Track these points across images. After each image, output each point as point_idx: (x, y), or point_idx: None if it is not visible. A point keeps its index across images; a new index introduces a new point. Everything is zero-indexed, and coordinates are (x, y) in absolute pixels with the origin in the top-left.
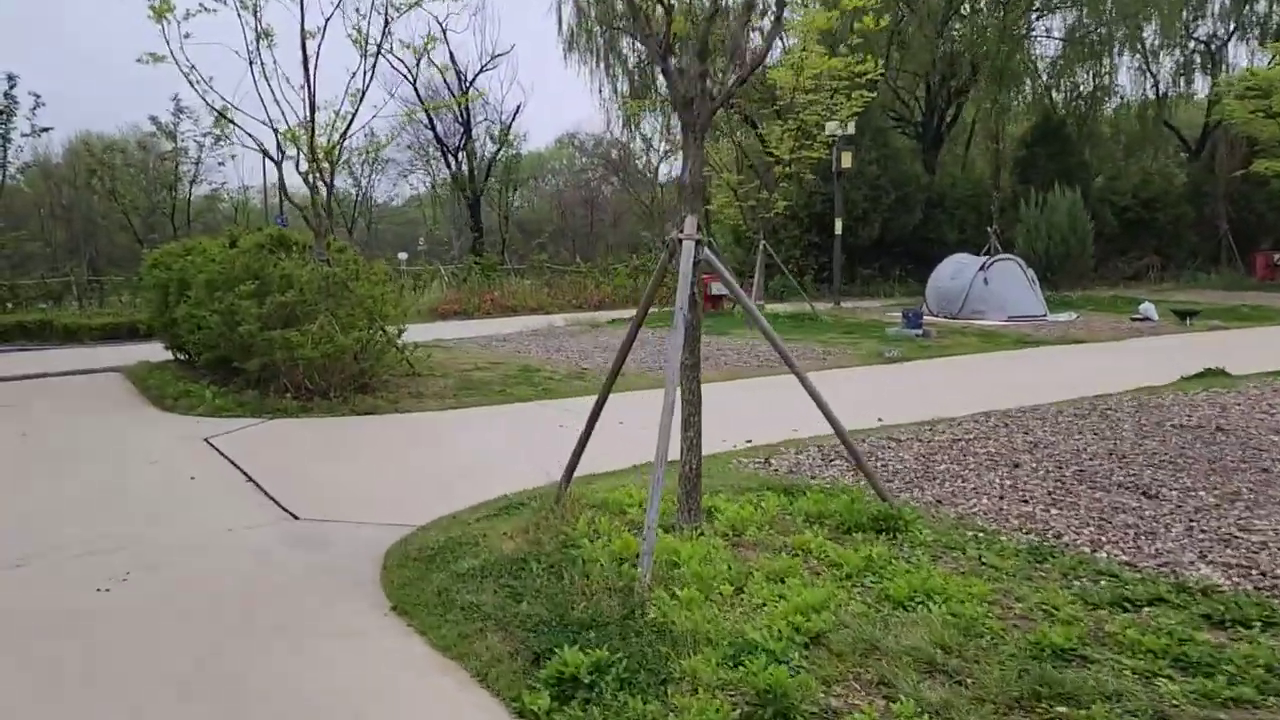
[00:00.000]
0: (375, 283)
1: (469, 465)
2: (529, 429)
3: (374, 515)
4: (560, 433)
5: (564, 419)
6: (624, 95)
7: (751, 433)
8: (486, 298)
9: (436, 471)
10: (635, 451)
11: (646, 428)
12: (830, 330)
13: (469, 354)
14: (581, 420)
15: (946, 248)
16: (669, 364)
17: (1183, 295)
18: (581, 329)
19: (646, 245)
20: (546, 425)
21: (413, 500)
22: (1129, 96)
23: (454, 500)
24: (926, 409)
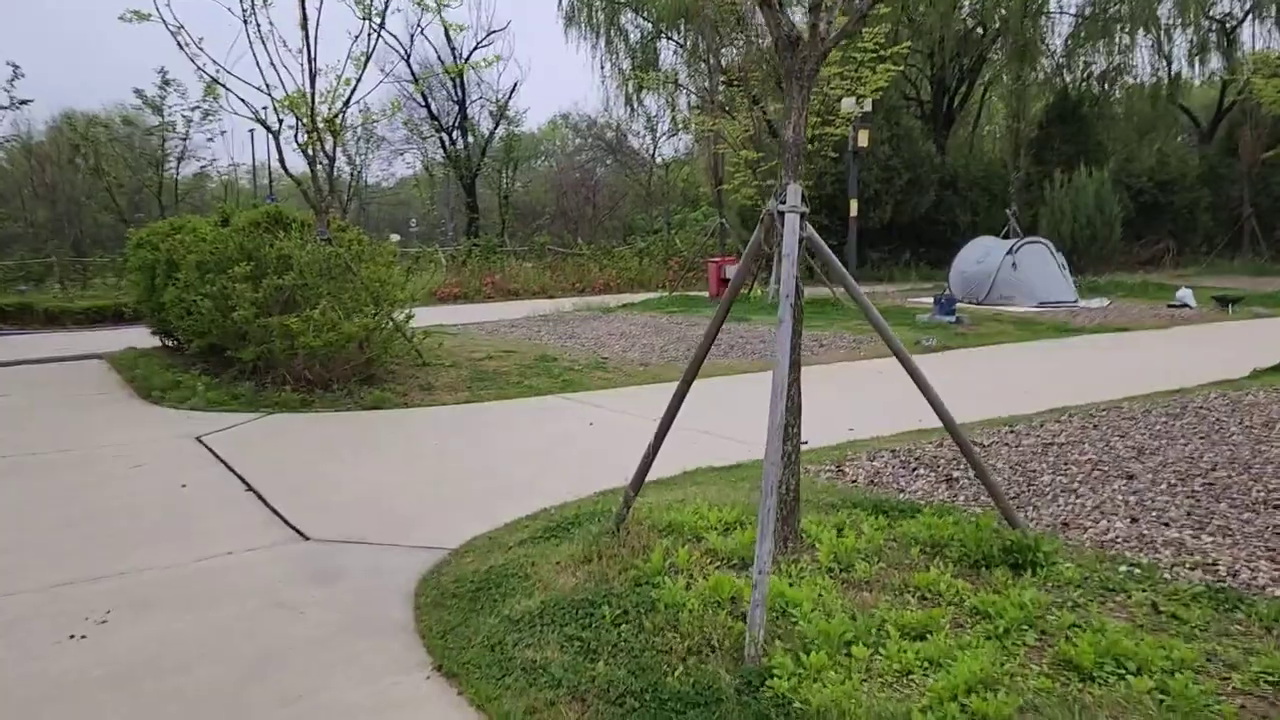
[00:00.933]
0: (382, 264)
1: (495, 471)
2: (555, 426)
3: (395, 535)
4: (592, 432)
5: (591, 414)
6: (625, 73)
7: (805, 432)
8: (487, 281)
9: (459, 479)
10: (682, 454)
11: (683, 427)
12: (854, 316)
13: (477, 341)
14: (610, 416)
15: (958, 231)
16: (778, 365)
17: (1212, 281)
18: (592, 314)
19: (643, 228)
20: (574, 422)
21: (437, 516)
22: (1142, 76)
23: (486, 516)
24: (988, 405)
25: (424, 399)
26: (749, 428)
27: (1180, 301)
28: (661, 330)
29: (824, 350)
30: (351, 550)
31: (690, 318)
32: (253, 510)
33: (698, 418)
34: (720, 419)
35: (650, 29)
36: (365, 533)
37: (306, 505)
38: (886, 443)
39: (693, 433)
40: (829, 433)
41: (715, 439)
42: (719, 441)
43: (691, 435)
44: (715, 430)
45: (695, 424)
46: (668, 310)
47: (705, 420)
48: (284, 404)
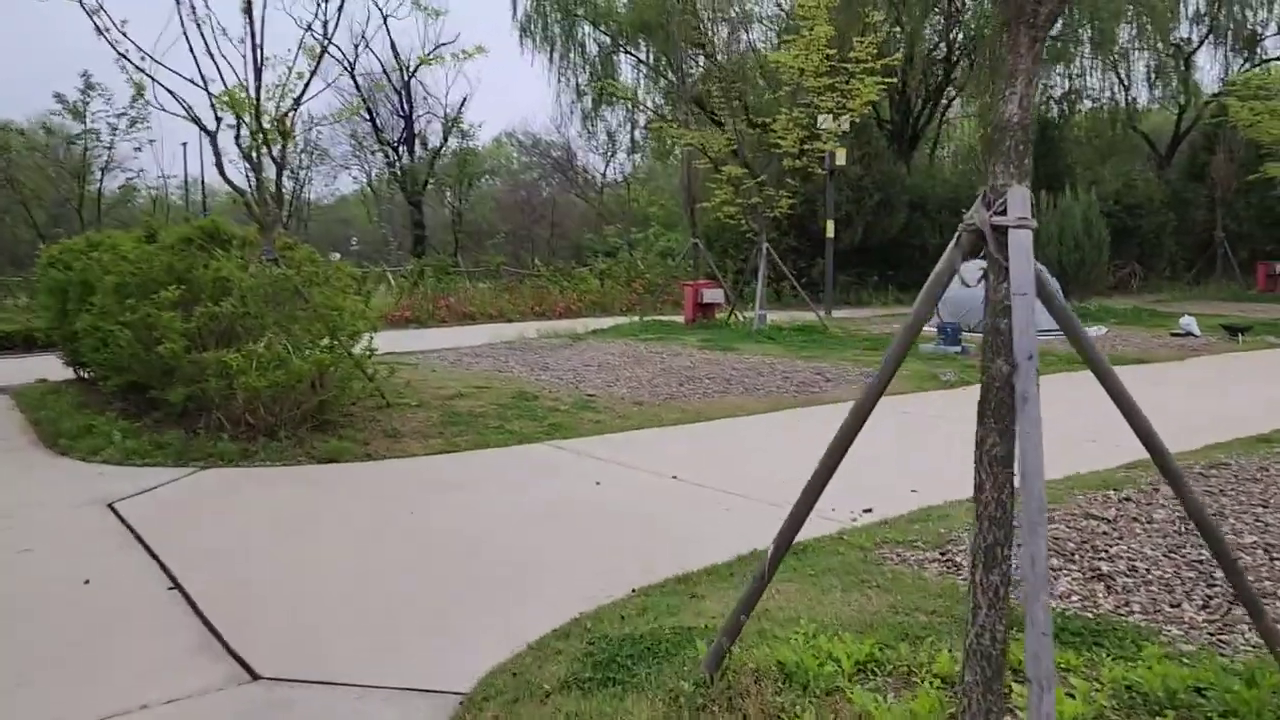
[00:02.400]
0: (338, 288)
1: (493, 552)
2: (553, 486)
3: (379, 663)
4: (601, 495)
5: (592, 470)
6: (580, 87)
7: (861, 493)
8: (441, 304)
9: (450, 563)
10: (721, 525)
11: (705, 484)
12: (848, 345)
13: (442, 373)
14: (617, 473)
15: (927, 253)
16: (1024, 454)
17: (1197, 308)
18: (561, 341)
19: (591, 249)
20: (574, 479)
21: (433, 625)
22: (1101, 100)
23: (499, 628)
24: (1062, 457)
25: (390, 448)
26: (783, 485)
27: (1184, 330)
28: (643, 361)
29: (833, 385)
30: (319, 697)
31: (669, 346)
32: (180, 624)
33: (717, 472)
34: (747, 474)
35: (609, 43)
36: (336, 660)
37: (253, 614)
38: (970, 511)
39: (719, 494)
40: (889, 494)
41: (751, 502)
42: (757, 506)
43: (718, 497)
44: (745, 490)
45: (717, 481)
46: (642, 338)
47: (729, 476)
48: (220, 456)
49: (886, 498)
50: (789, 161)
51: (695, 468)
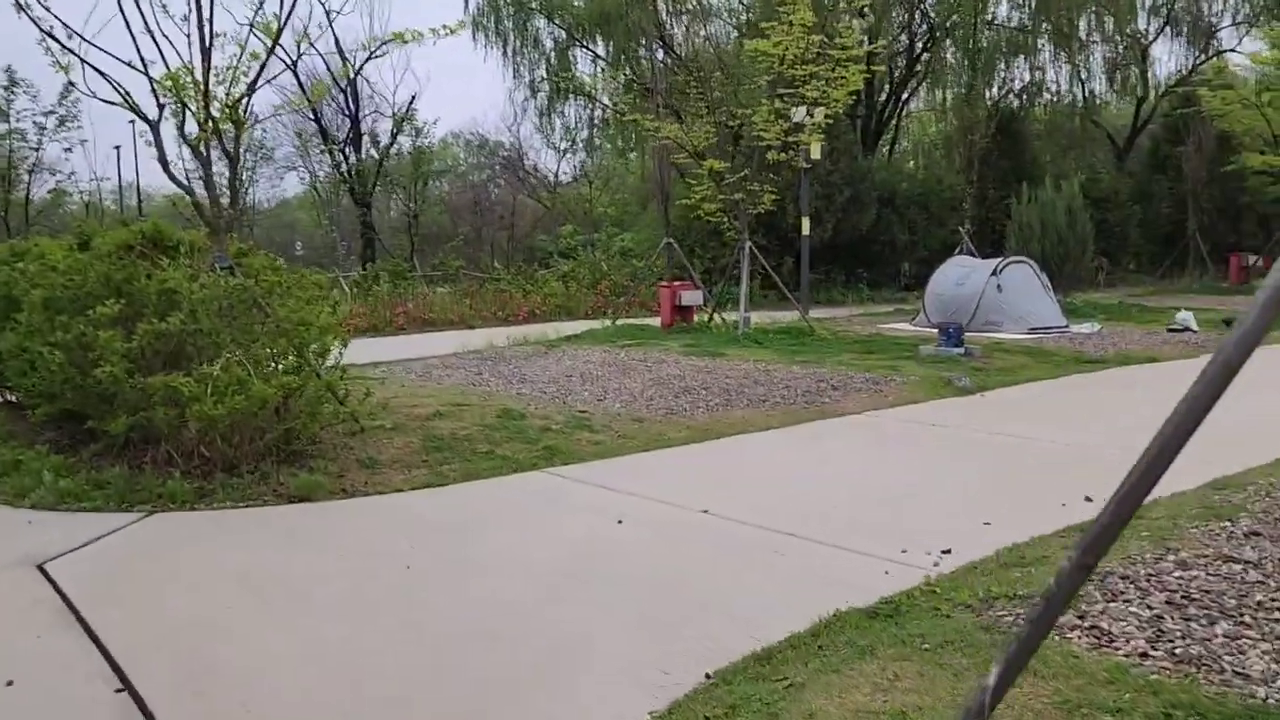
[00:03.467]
0: (305, 300)
1: (517, 624)
2: (566, 526)
3: None
4: (627, 537)
5: (606, 502)
6: (534, 84)
7: (922, 529)
8: (399, 310)
9: (465, 646)
10: (775, 574)
11: (736, 520)
12: (840, 348)
13: (412, 389)
14: (638, 506)
15: (896, 250)
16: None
17: (1179, 303)
18: (534, 350)
19: (545, 250)
20: (588, 516)
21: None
22: (1060, 93)
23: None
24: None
25: (369, 481)
26: (830, 518)
27: (1181, 325)
28: (628, 370)
29: (841, 394)
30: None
31: (652, 353)
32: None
33: (751, 503)
34: (784, 504)
35: (565, 37)
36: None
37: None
38: (1066, 550)
39: (763, 533)
40: (957, 529)
41: (803, 544)
42: (810, 549)
43: (763, 537)
44: (790, 526)
45: (755, 514)
46: (620, 344)
47: (766, 508)
48: (172, 497)
49: (956, 533)
50: (773, 155)
51: (724, 498)
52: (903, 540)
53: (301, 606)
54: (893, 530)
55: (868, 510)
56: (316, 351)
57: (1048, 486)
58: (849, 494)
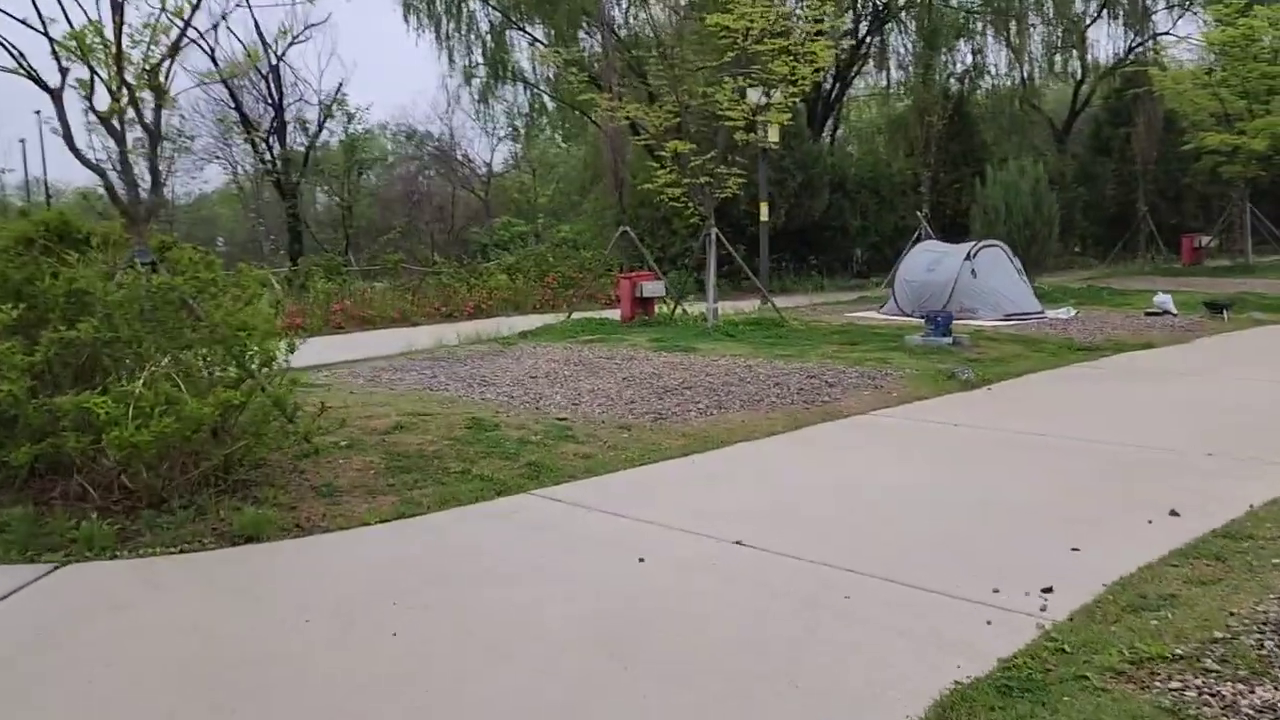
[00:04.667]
0: (245, 300)
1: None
2: (581, 571)
3: None
4: (654, 582)
5: (616, 534)
6: (469, 69)
7: (1005, 561)
8: (336, 308)
9: None
10: (854, 637)
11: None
12: (818, 340)
13: (363, 396)
14: (659, 537)
15: (849, 236)
16: None
17: (1139, 285)
18: (489, 348)
19: (479, 243)
20: (602, 555)
21: None
22: (999, 76)
23: None
24: (1166, 473)
25: (328, 514)
26: (890, 547)
27: (1160, 308)
28: (596, 369)
29: (839, 391)
30: None
31: (618, 349)
32: None
33: (788, 529)
34: (829, 529)
35: (501, 19)
36: None
37: None
38: (1208, 598)
39: (817, 569)
40: (1044, 558)
41: (869, 584)
42: (880, 592)
43: (818, 575)
44: (846, 560)
45: (798, 544)
46: (581, 339)
47: (809, 535)
48: (88, 542)
49: (1044, 563)
50: (740, 135)
51: (755, 523)
52: (982, 573)
53: (261, 711)
54: (965, 560)
55: (922, 534)
56: (260, 361)
57: (1113, 496)
58: (892, 512)
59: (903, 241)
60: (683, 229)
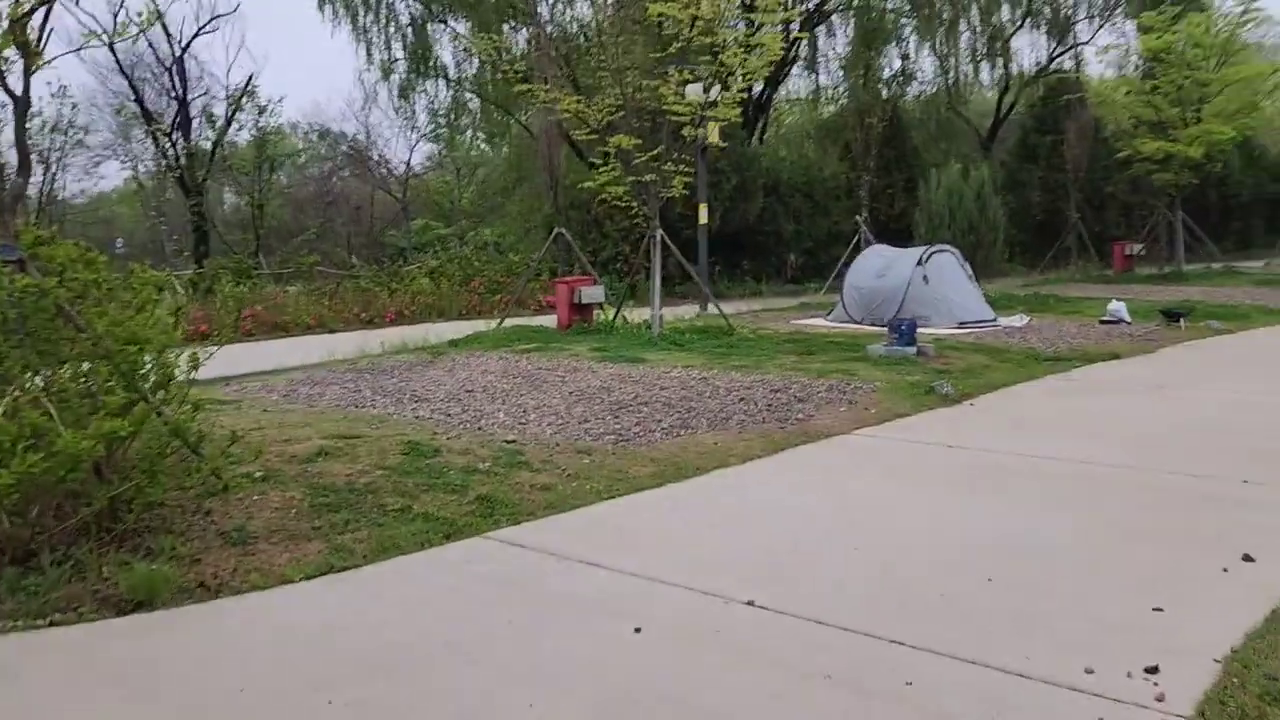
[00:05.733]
0: (137, 307)
1: None
2: (557, 646)
3: None
4: (661, 662)
5: (598, 590)
6: (387, 64)
7: (1098, 631)
8: (246, 314)
9: None
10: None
11: (795, 609)
12: (772, 349)
13: (278, 414)
14: (639, 592)
15: (782, 240)
16: None
17: (1074, 291)
18: (417, 358)
19: (396, 246)
20: (586, 623)
21: None
22: (925, 82)
23: None
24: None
25: (239, 569)
26: (927, 607)
27: (1114, 316)
28: (539, 382)
29: (811, 408)
30: None
31: (559, 360)
32: None
33: (805, 582)
34: (842, 585)
35: (423, 11)
36: None
37: None
38: None
39: (857, 641)
40: (1133, 625)
41: (924, 659)
42: (947, 670)
43: (864, 650)
44: (887, 626)
45: (824, 605)
46: (517, 349)
47: (833, 590)
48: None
49: (1132, 631)
50: (689, 130)
51: (760, 575)
52: (1062, 644)
53: None
54: (1034, 626)
55: (968, 589)
56: (156, 382)
57: (1168, 537)
58: (920, 559)
59: (837, 247)
60: (614, 232)
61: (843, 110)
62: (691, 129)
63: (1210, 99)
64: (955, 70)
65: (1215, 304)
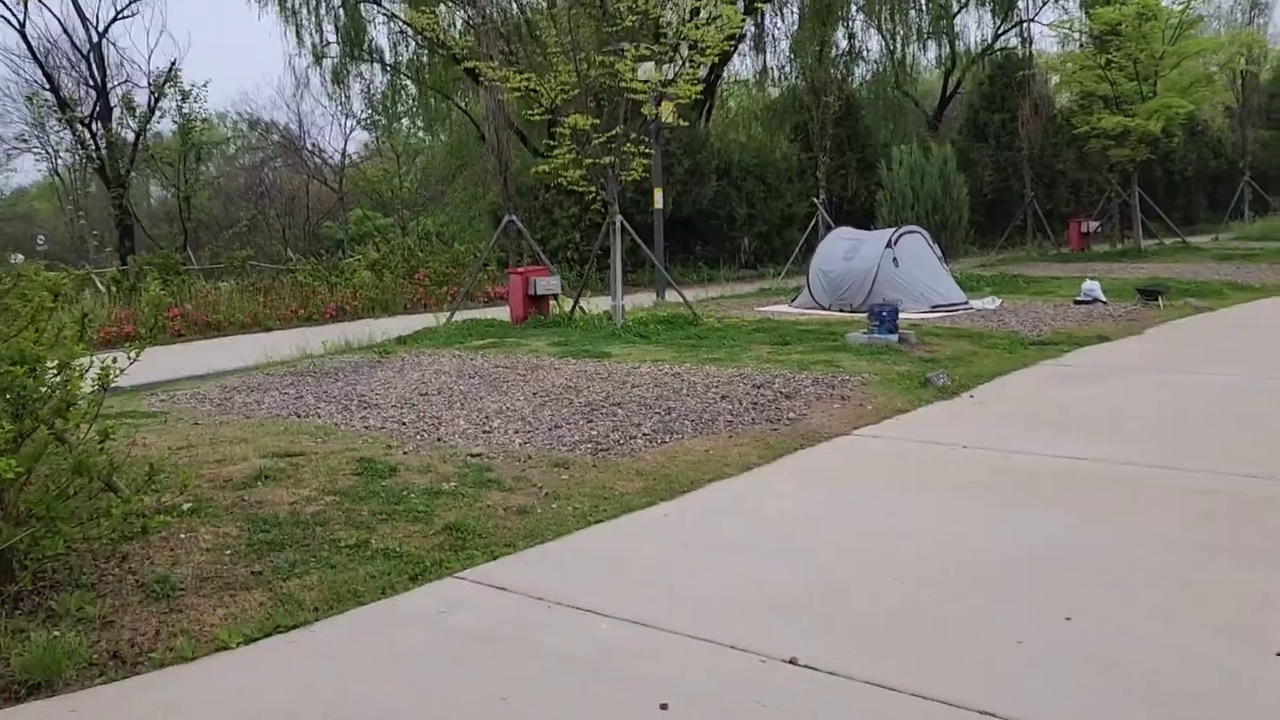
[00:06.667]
0: (29, 318)
1: None
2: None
3: None
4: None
5: (611, 652)
6: (318, 48)
7: (1236, 692)
8: (174, 313)
9: None
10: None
11: (849, 669)
12: (743, 340)
13: (211, 427)
14: (652, 649)
15: (735, 224)
16: None
17: (1034, 270)
18: (363, 358)
19: (333, 237)
20: (598, 700)
21: None
22: (871, 62)
23: None
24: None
25: (163, 630)
26: (1022, 674)
27: (1089, 296)
28: (498, 382)
29: (801, 405)
30: None
31: (518, 357)
32: None
33: (836, 629)
34: (895, 631)
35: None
36: None
37: None
38: None
39: (929, 708)
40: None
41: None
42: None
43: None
44: (973, 692)
45: (874, 663)
46: (471, 345)
47: (870, 642)
48: None
49: (1269, 686)
50: (648, 109)
51: (795, 620)
52: (1172, 692)
53: None
54: (1138, 682)
55: (1048, 634)
56: (55, 408)
57: (1247, 552)
58: (977, 593)
59: (790, 230)
60: (564, 219)
61: (794, 90)
62: (651, 108)
63: (1165, 73)
64: (901, 49)
65: (1185, 280)
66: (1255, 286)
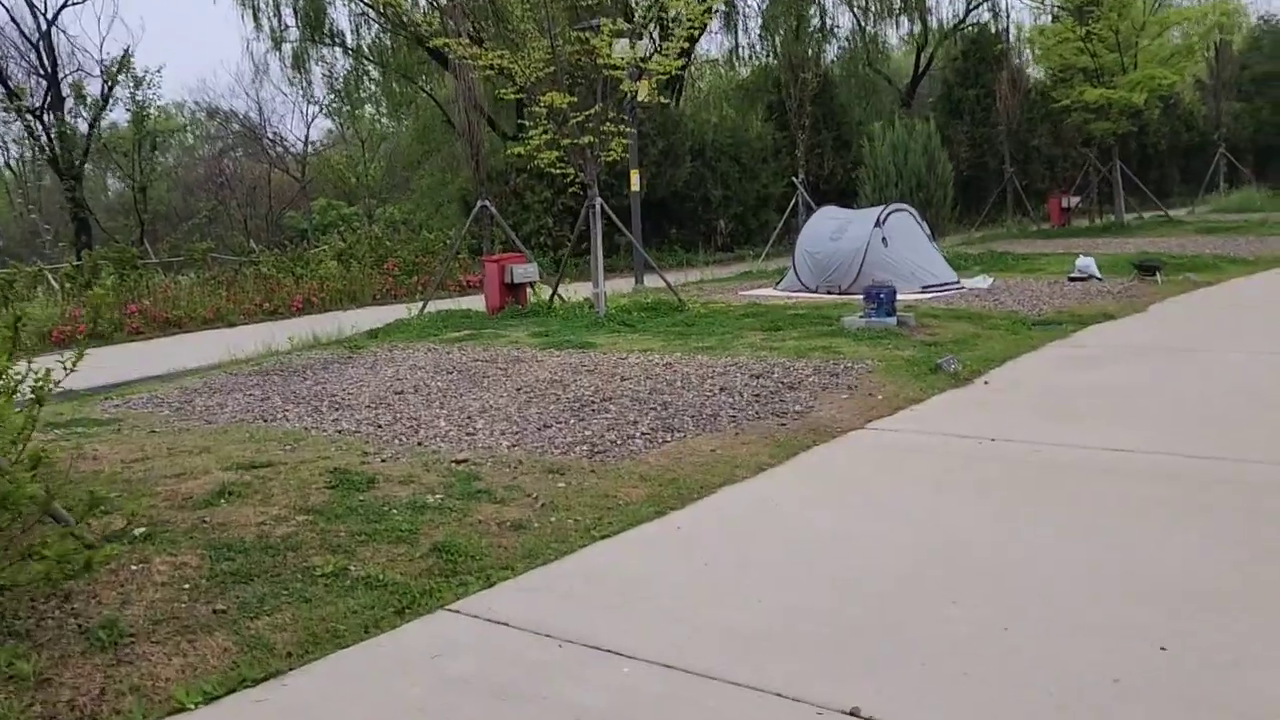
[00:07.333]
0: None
1: None
2: None
3: None
4: None
5: (623, 692)
6: (277, 33)
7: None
8: (132, 309)
9: None
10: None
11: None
12: (734, 326)
13: (169, 436)
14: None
15: (710, 206)
16: None
17: (1019, 248)
18: (333, 354)
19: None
20: None
21: None
22: (843, 40)
23: None
24: None
25: (109, 689)
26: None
27: (1084, 273)
28: (478, 377)
29: (807, 396)
30: None
31: (497, 349)
32: None
33: (899, 672)
34: (969, 673)
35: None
36: None
37: None
38: None
39: None
40: None
41: None
42: None
43: None
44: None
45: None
46: (446, 337)
47: (943, 690)
48: None
49: None
50: (627, 86)
51: (845, 654)
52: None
53: None
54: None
55: (1143, 670)
56: None
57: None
58: (1049, 620)
59: (766, 211)
60: (536, 204)
61: (766, 69)
62: (630, 84)
63: (1147, 43)
64: (873, 25)
65: (1176, 255)
66: (1250, 260)
